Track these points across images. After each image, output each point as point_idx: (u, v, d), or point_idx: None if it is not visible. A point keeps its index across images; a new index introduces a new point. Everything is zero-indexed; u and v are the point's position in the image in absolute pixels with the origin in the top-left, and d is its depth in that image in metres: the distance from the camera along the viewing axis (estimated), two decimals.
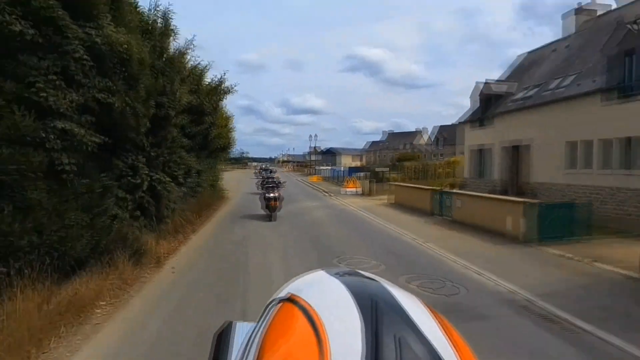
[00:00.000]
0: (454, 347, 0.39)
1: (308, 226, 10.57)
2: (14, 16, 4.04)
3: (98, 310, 4.66)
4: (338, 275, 0.47)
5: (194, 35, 9.35)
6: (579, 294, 5.33)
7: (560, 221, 8.19)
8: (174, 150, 8.13)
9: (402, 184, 16.45)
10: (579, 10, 15.11)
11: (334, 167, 39.02)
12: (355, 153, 68.41)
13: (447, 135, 42.22)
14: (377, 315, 0.38)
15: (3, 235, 3.95)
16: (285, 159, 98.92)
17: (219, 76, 11.24)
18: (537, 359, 3.60)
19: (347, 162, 53.33)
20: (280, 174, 32.91)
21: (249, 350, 0.41)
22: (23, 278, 4.13)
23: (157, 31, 7.40)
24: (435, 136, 47.39)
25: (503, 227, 8.73)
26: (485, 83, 16.02)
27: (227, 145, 14.81)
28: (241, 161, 52.60)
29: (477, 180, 16.58)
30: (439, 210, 11.91)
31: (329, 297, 0.43)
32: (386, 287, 0.44)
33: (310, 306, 0.41)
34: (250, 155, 61.01)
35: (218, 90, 10.71)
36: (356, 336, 0.36)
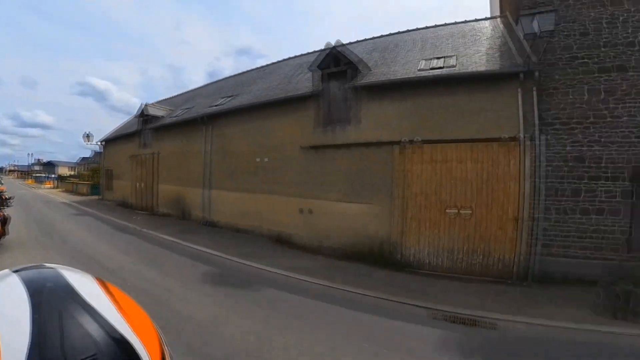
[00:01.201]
0: (118, 307, 0.48)
1: (19, 199, 30.11)
2: None
3: None
4: (20, 271, 0.54)
5: None
6: (80, 201, 28.35)
7: (97, 190, 31.52)
8: None
9: (69, 181, 37.39)
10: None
11: (48, 175, 55.07)
12: (71, 165, 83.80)
13: None
14: (46, 298, 0.45)
15: None
16: (12, 168, 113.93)
17: None
18: (61, 211, 25.82)
19: (64, 172, 67.03)
20: (7, 181, 35.38)
21: None
22: None
23: None
24: None
25: (85, 192, 31.52)
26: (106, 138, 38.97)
27: None
28: None
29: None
30: (75, 190, 33.73)
31: (3, 292, 0.49)
32: (60, 272, 0.52)
33: None
34: None
35: None
36: (25, 321, 0.42)
